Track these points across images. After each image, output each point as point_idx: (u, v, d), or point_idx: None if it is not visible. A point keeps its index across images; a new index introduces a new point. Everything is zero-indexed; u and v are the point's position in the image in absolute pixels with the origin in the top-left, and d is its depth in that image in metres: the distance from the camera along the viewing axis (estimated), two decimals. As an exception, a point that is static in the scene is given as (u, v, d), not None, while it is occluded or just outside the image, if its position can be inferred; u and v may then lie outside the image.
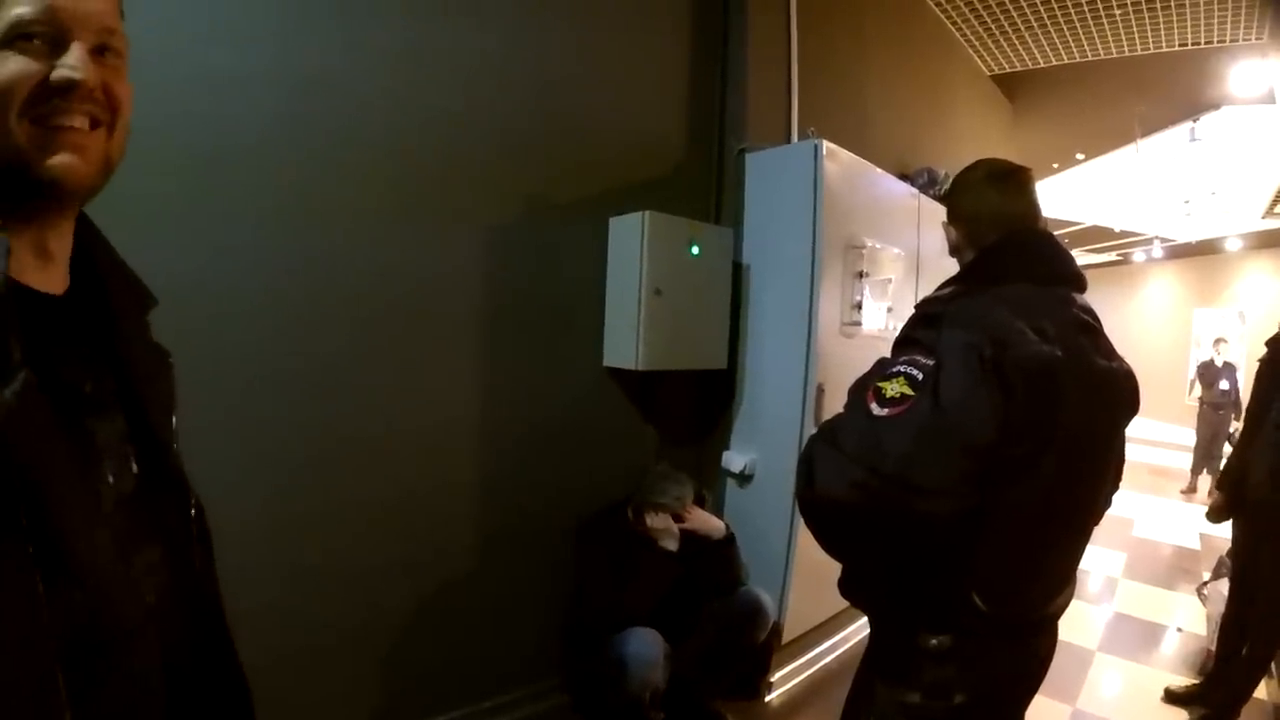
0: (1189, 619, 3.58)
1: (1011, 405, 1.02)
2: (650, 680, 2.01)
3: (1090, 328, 1.18)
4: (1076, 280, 1.24)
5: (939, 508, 1.00)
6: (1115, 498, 1.32)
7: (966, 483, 1.01)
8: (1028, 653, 1.20)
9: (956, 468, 1.00)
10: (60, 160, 0.60)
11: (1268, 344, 2.63)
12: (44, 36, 0.60)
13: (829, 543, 1.15)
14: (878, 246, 2.82)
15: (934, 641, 1.13)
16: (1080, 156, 7.32)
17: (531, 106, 2.20)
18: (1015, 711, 1.26)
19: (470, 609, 2.17)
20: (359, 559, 1.90)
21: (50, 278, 0.64)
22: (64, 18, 0.61)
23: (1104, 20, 4.43)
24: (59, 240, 0.65)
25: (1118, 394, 1.18)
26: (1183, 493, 7.08)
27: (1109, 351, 1.19)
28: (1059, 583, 1.21)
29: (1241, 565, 2.62)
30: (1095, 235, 11.39)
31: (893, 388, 1.06)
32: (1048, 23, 4.54)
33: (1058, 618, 1.24)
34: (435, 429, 2.06)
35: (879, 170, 2.93)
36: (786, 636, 2.61)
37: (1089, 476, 1.18)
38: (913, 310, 1.23)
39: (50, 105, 0.60)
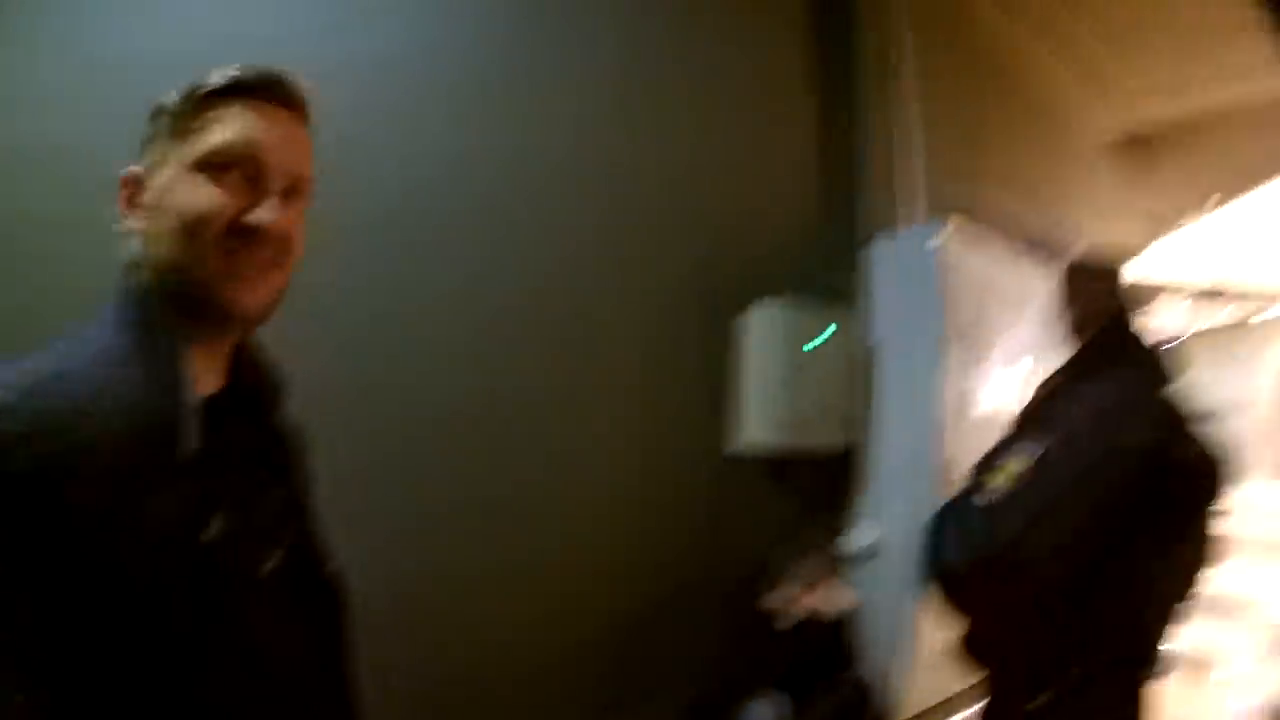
0: None
1: (1107, 487, 1.15)
2: None
3: (1179, 415, 1.28)
4: (1169, 368, 1.35)
5: (1044, 574, 1.14)
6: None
7: (1068, 555, 1.14)
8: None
9: (1061, 542, 1.13)
10: (239, 292, 0.63)
11: None
12: (242, 170, 0.63)
13: (949, 608, 1.32)
14: (1004, 323, 2.86)
15: (1036, 701, 1.24)
16: (1210, 208, 6.98)
17: (670, 202, 2.37)
18: None
19: (598, 687, 2.22)
20: (495, 626, 1.97)
21: (217, 380, 0.68)
22: (266, 158, 0.64)
23: (1229, 59, 4.24)
24: (227, 349, 0.70)
25: (1204, 477, 1.28)
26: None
27: (1198, 436, 1.28)
28: (1146, 652, 1.29)
29: None
30: (1226, 293, 10.72)
31: (1006, 469, 1.18)
32: (1169, 69, 4.42)
33: (1147, 684, 1.31)
34: (583, 506, 2.18)
35: (1003, 249, 2.97)
36: (906, 715, 2.61)
37: (1176, 556, 1.27)
38: (1032, 392, 1.35)
39: (237, 240, 0.62)
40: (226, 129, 0.63)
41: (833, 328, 2.63)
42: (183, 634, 0.52)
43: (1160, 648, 1.32)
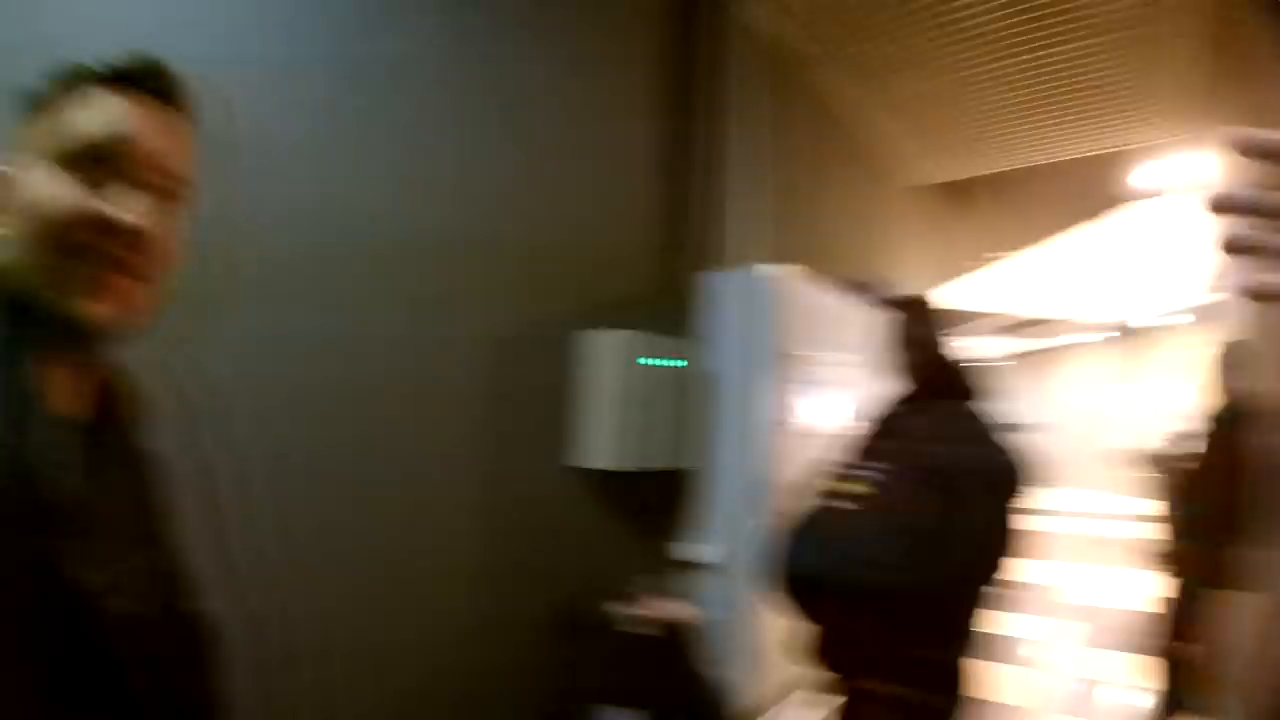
0: (1138, 678, 3.79)
1: (941, 499, 1.32)
2: None
3: (995, 431, 1.50)
4: (985, 393, 1.58)
5: (890, 580, 1.30)
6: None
7: (909, 561, 1.30)
8: (954, 693, 1.47)
9: (902, 549, 1.30)
10: (101, 302, 0.55)
11: (1212, 417, 2.93)
12: (111, 165, 0.56)
13: (801, 614, 1.45)
14: (827, 355, 3.19)
15: (884, 689, 1.41)
16: (1010, 253, 7.95)
17: (511, 231, 2.43)
18: None
19: (447, 699, 2.24)
20: (348, 646, 1.97)
21: (84, 405, 0.61)
22: (140, 153, 0.57)
23: (1031, 131, 5.01)
24: (97, 371, 0.62)
25: (1017, 481, 1.48)
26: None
27: (1010, 447, 1.50)
28: (972, 636, 1.49)
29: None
30: (1028, 323, 12.12)
31: (851, 487, 1.36)
32: (977, 135, 5.12)
33: (969, 665, 1.52)
34: (430, 527, 2.20)
35: (827, 286, 3.30)
36: (747, 717, 2.79)
37: (998, 551, 1.47)
38: (863, 421, 1.59)
39: (99, 243, 0.54)
40: (97, 120, 0.56)
41: (672, 354, 2.82)
42: (55, 680, 0.48)
43: (981, 630, 1.52)
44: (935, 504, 1.31)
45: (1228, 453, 2.76)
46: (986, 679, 1.58)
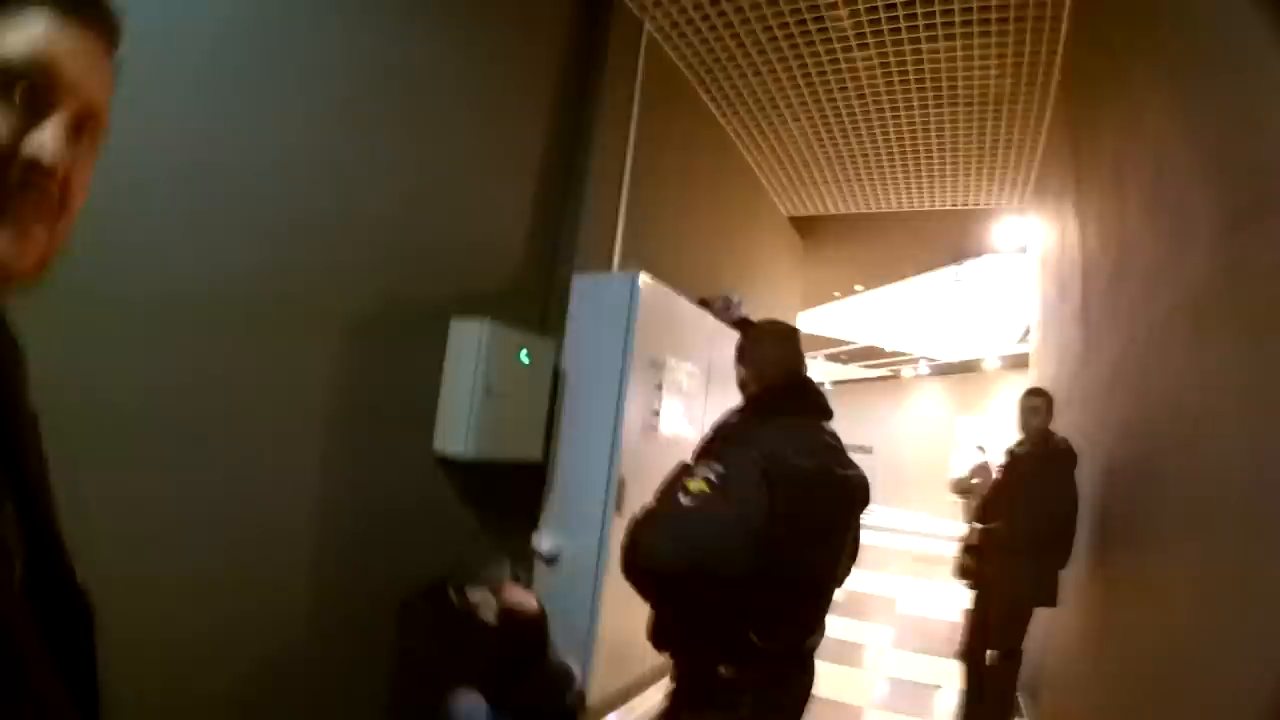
0: (949, 678, 4.17)
1: (775, 500, 1.47)
2: None
3: (833, 447, 1.69)
4: (826, 412, 1.76)
5: (728, 569, 1.44)
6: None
7: (745, 553, 1.44)
8: (793, 679, 1.66)
9: (739, 543, 1.44)
10: (5, 243, 0.50)
11: (1006, 452, 3.43)
12: (23, 92, 0.50)
13: (649, 597, 1.57)
14: (677, 363, 3.39)
15: (723, 670, 1.55)
16: (859, 288, 8.69)
17: (386, 212, 2.43)
18: None
19: (295, 681, 2.22)
20: (191, 629, 1.93)
21: None
22: (56, 77, 0.51)
23: (889, 180, 5.52)
24: None
25: (853, 493, 1.70)
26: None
27: (847, 462, 1.70)
28: (811, 625, 1.68)
29: (973, 636, 3.37)
30: (870, 353, 13.25)
31: (696, 485, 1.49)
32: (840, 178, 5.57)
33: (813, 653, 1.71)
34: (279, 510, 2.17)
35: (684, 299, 3.52)
36: (590, 701, 2.90)
37: (829, 551, 1.67)
38: (710, 427, 1.74)
39: (9, 175, 0.50)
40: (18, 36, 0.50)
41: (530, 350, 2.89)
42: None
43: (820, 622, 1.69)
44: (765, 503, 1.45)
45: (1015, 482, 3.25)
46: (819, 675, 1.74)
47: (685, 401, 3.50)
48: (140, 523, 1.82)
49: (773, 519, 1.46)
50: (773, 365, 1.76)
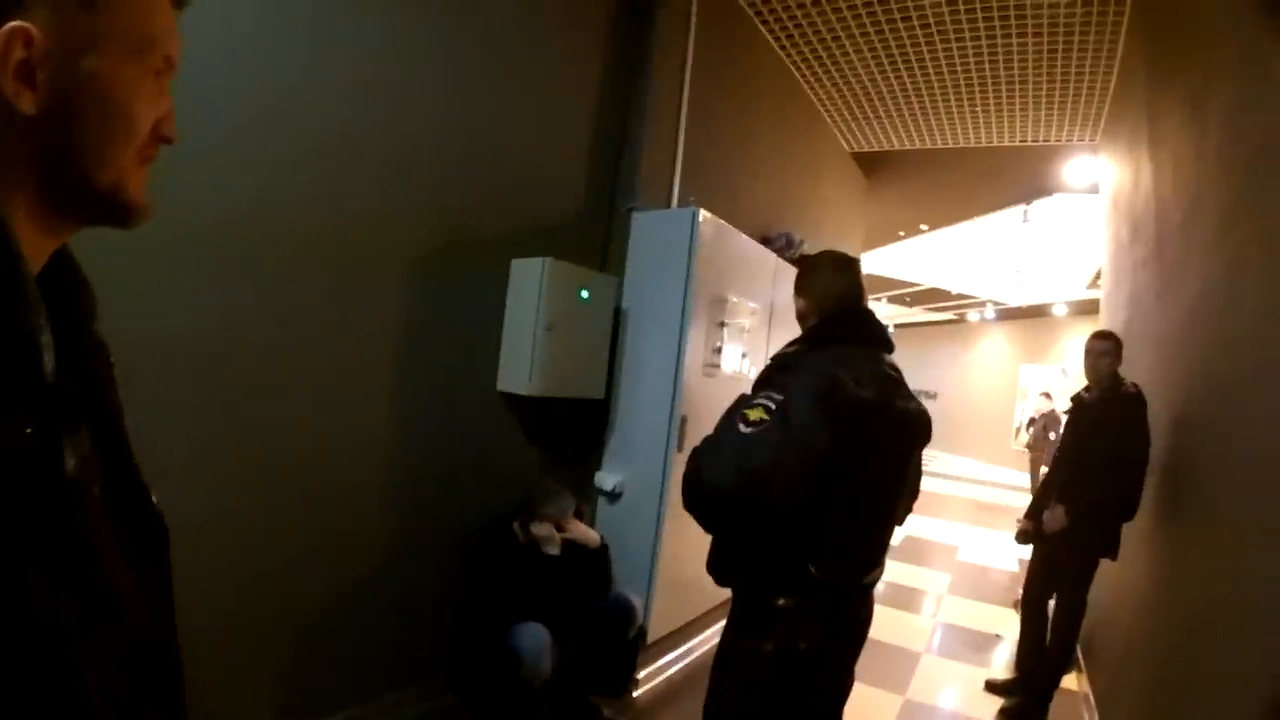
0: (1008, 628, 4.16)
1: (835, 429, 1.44)
2: (540, 669, 2.25)
3: (893, 378, 1.64)
4: (887, 344, 1.72)
5: (785, 496, 1.42)
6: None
7: (803, 480, 1.42)
8: (850, 612, 1.64)
9: (798, 470, 1.42)
10: (145, 199, 0.58)
11: (1073, 399, 3.24)
12: (161, 66, 0.57)
13: (710, 525, 1.57)
14: (738, 300, 3.32)
15: (781, 602, 1.55)
16: (924, 227, 8.35)
17: (446, 145, 2.43)
18: (845, 661, 1.69)
19: (365, 611, 2.34)
20: (273, 556, 2.05)
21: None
22: (174, 56, 0.58)
23: (955, 115, 5.23)
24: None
25: (913, 427, 1.65)
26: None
27: (908, 395, 1.66)
28: (870, 560, 1.66)
29: (1034, 584, 3.26)
30: (934, 296, 12.79)
31: (755, 413, 1.47)
32: (905, 112, 5.30)
33: (872, 587, 1.69)
34: (349, 446, 2.25)
35: (744, 235, 3.43)
36: (650, 638, 2.97)
37: (890, 485, 1.65)
38: (768, 359, 1.70)
39: (154, 146, 0.58)
40: (150, 12, 0.55)
41: (590, 288, 2.87)
42: (32, 569, 0.43)
43: (878, 558, 1.68)
44: (824, 431, 1.43)
45: (1084, 429, 3.07)
46: (878, 618, 1.73)
47: (747, 339, 3.44)
48: (215, 458, 1.90)
49: (831, 447, 1.43)
50: (831, 294, 1.71)
